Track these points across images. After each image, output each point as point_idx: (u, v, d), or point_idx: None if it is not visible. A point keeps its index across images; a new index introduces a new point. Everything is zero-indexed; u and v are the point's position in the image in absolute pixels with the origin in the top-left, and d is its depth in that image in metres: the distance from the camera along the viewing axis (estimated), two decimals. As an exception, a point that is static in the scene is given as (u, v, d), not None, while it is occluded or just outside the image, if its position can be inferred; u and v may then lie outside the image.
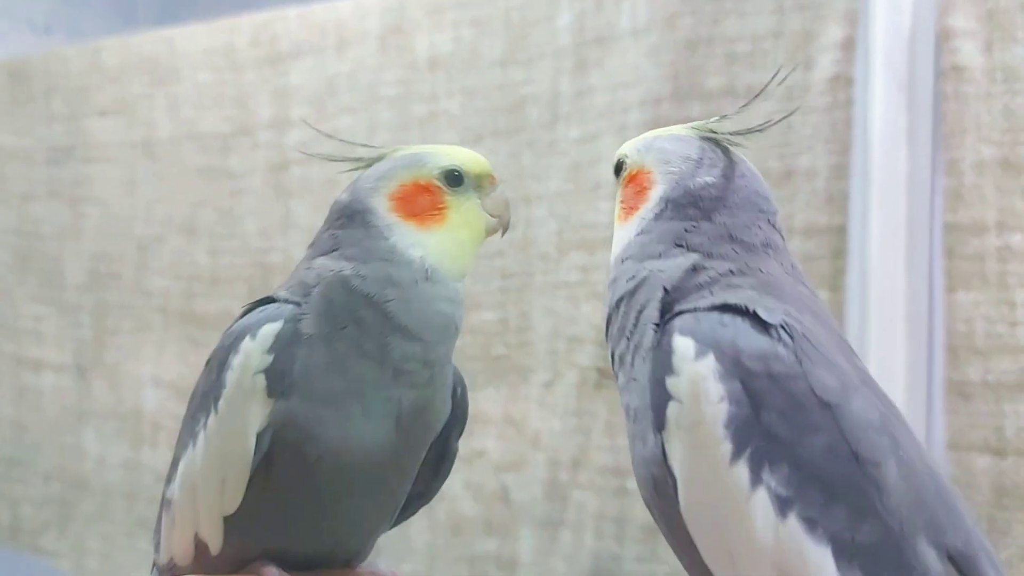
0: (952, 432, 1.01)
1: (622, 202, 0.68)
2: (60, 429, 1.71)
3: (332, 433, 0.67)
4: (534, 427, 1.26)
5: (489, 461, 1.29)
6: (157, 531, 0.75)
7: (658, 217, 0.64)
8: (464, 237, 0.71)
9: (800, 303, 0.60)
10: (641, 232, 0.65)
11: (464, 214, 0.72)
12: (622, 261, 0.65)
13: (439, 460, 0.76)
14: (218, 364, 0.70)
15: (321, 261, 0.71)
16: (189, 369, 1.56)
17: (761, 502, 0.54)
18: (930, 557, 0.54)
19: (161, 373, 1.60)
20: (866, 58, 1.07)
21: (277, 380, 0.67)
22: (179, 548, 0.71)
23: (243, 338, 0.68)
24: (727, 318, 0.58)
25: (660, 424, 0.58)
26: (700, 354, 0.57)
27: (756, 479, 0.54)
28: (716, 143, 0.68)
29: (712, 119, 0.69)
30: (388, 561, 0.79)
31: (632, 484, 1.18)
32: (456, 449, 0.77)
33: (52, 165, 1.74)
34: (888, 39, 1.06)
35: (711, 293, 0.60)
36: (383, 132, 1.40)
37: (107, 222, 1.67)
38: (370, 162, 0.74)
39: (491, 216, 0.73)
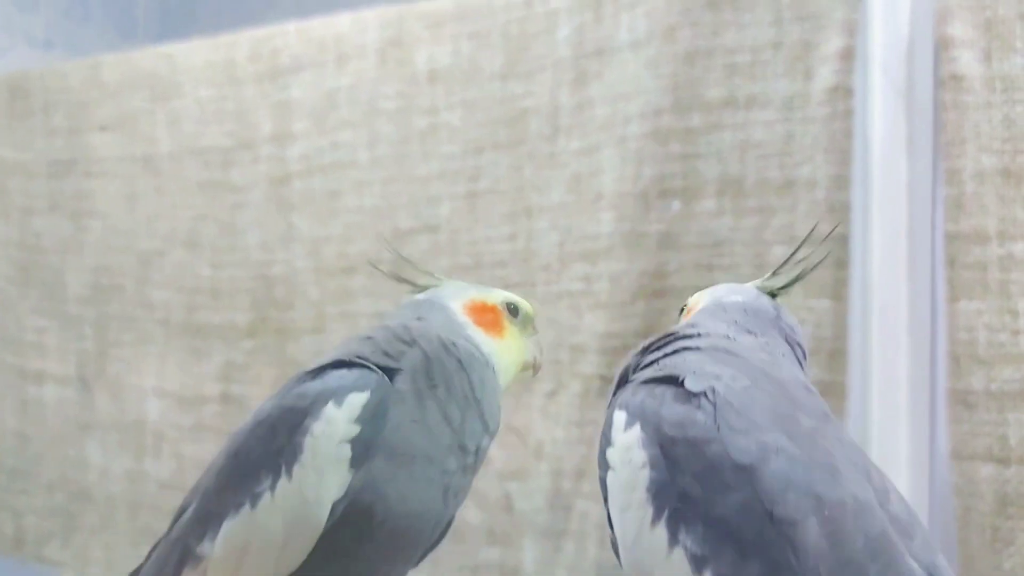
0: (955, 441, 1.01)
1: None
2: (63, 440, 1.71)
3: (399, 493, 0.69)
4: (537, 436, 1.27)
5: (493, 470, 1.29)
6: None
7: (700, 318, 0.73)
8: (514, 358, 0.82)
9: (749, 369, 0.64)
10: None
11: (516, 340, 0.83)
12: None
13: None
14: (289, 426, 0.68)
15: (414, 324, 0.77)
16: (191, 380, 1.56)
17: (679, 561, 0.57)
18: None
19: (163, 384, 1.60)
20: (865, 68, 1.07)
21: (362, 450, 0.67)
22: None
23: (325, 403, 0.68)
24: (658, 389, 0.63)
25: (604, 492, 0.63)
26: (629, 424, 0.62)
27: (674, 539, 0.58)
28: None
29: (765, 277, 0.78)
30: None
31: (636, 495, 1.18)
32: (454, 518, 0.80)
33: (53, 179, 1.74)
34: (887, 49, 1.07)
35: (658, 363, 0.66)
36: (383, 145, 1.40)
37: (109, 235, 1.67)
38: (426, 287, 0.84)
39: (530, 353, 0.84)
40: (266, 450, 0.69)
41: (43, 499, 1.73)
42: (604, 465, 0.63)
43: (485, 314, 0.82)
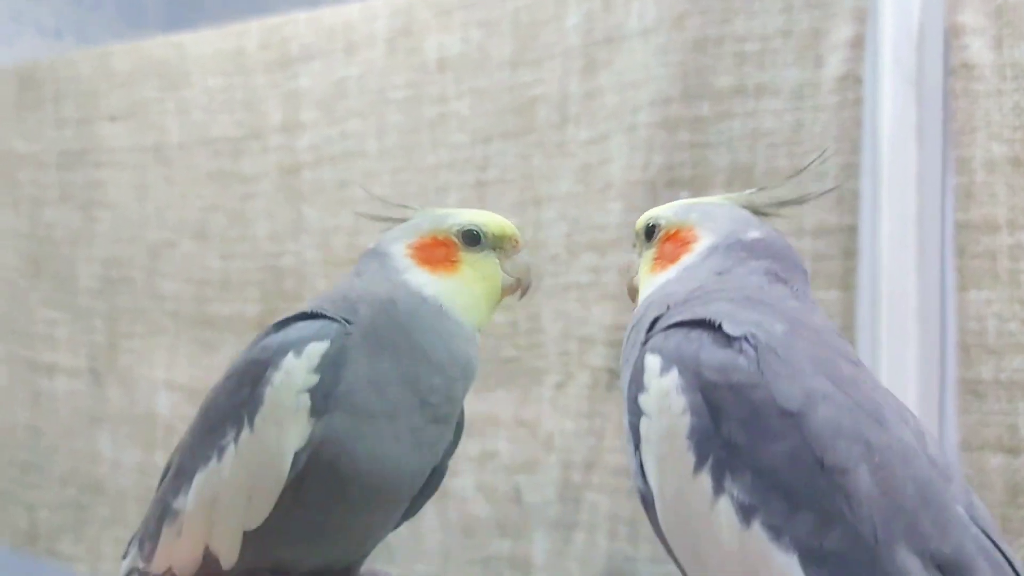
0: (965, 431, 1.01)
1: (656, 258, 0.72)
2: (75, 433, 1.71)
3: (367, 451, 0.68)
4: (546, 429, 1.26)
5: (501, 463, 1.29)
6: (149, 538, 0.74)
7: (704, 260, 0.69)
8: (477, 291, 0.75)
9: (784, 315, 0.61)
10: (682, 273, 0.69)
11: (479, 270, 0.75)
12: (651, 301, 0.68)
13: (429, 478, 0.77)
14: (251, 378, 0.69)
15: (355, 285, 0.73)
16: (202, 372, 1.56)
17: (725, 510, 0.55)
18: (911, 564, 0.53)
19: (174, 377, 1.61)
20: (875, 56, 1.07)
21: (321, 399, 0.67)
22: (184, 559, 0.71)
23: (285, 354, 0.68)
24: (694, 333, 0.60)
25: (636, 440, 0.60)
26: (665, 369, 0.59)
27: (719, 488, 0.56)
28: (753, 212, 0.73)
29: (746, 192, 0.75)
30: (400, 562, 0.80)
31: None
32: (446, 467, 0.79)
33: (63, 170, 1.74)
34: (897, 37, 1.06)
35: (690, 308, 0.62)
36: (393, 134, 1.40)
37: (119, 227, 1.67)
38: (405, 219, 0.80)
39: (510, 276, 0.77)
40: (231, 403, 0.70)
41: (55, 493, 1.73)
42: (636, 411, 0.61)
43: (434, 250, 0.75)
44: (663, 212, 0.73)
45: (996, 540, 0.57)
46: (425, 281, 0.73)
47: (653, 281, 0.71)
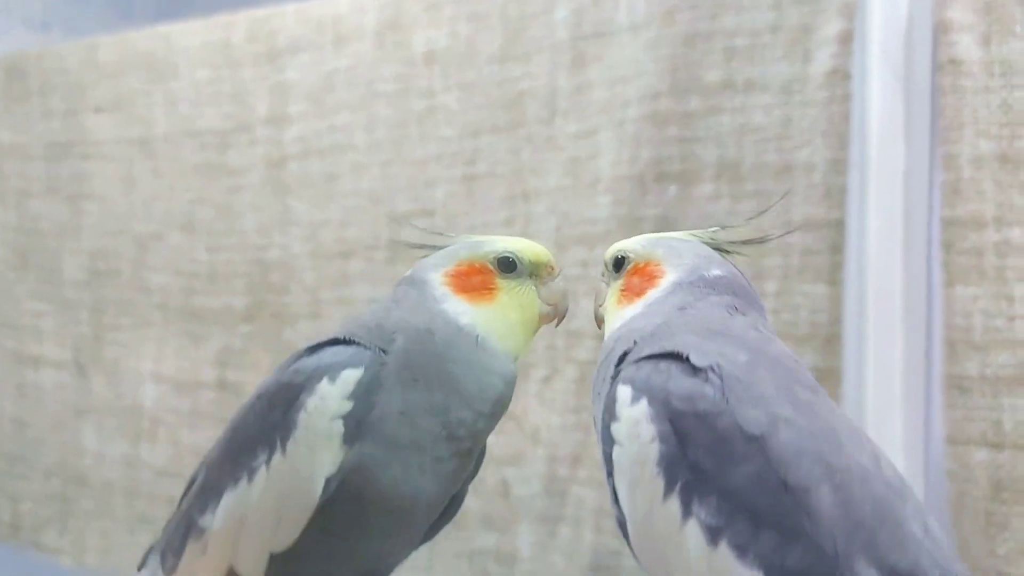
0: (950, 426, 1.01)
1: (624, 290, 0.74)
2: (60, 425, 1.71)
3: (392, 480, 0.69)
4: (533, 422, 1.26)
5: (489, 456, 1.28)
6: (172, 553, 0.74)
7: (668, 296, 0.71)
8: (514, 318, 0.75)
9: (746, 345, 0.64)
10: (647, 308, 0.71)
11: (515, 297, 0.75)
12: (618, 336, 0.70)
13: (449, 504, 0.79)
14: (284, 401, 0.69)
15: (392, 313, 0.73)
16: (188, 364, 1.56)
17: (693, 532, 0.58)
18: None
19: (161, 369, 1.60)
20: (863, 52, 1.07)
21: (354, 427, 0.67)
22: None
23: (320, 379, 0.68)
24: (663, 364, 0.63)
25: (609, 467, 0.63)
26: (635, 399, 0.62)
27: (687, 511, 0.58)
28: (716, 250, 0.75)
29: (710, 230, 0.77)
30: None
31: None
32: (465, 493, 0.80)
33: (50, 161, 1.74)
34: (885, 33, 1.06)
35: (657, 342, 0.65)
36: (381, 128, 1.39)
37: (106, 219, 1.67)
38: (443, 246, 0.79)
39: (547, 304, 0.77)
40: (263, 425, 0.70)
41: (40, 485, 1.72)
42: (609, 440, 0.63)
43: (471, 278, 0.75)
44: (632, 246, 0.75)
45: (949, 559, 0.59)
46: (462, 310, 0.73)
47: (620, 314, 0.73)
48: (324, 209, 1.44)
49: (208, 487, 0.73)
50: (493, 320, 0.74)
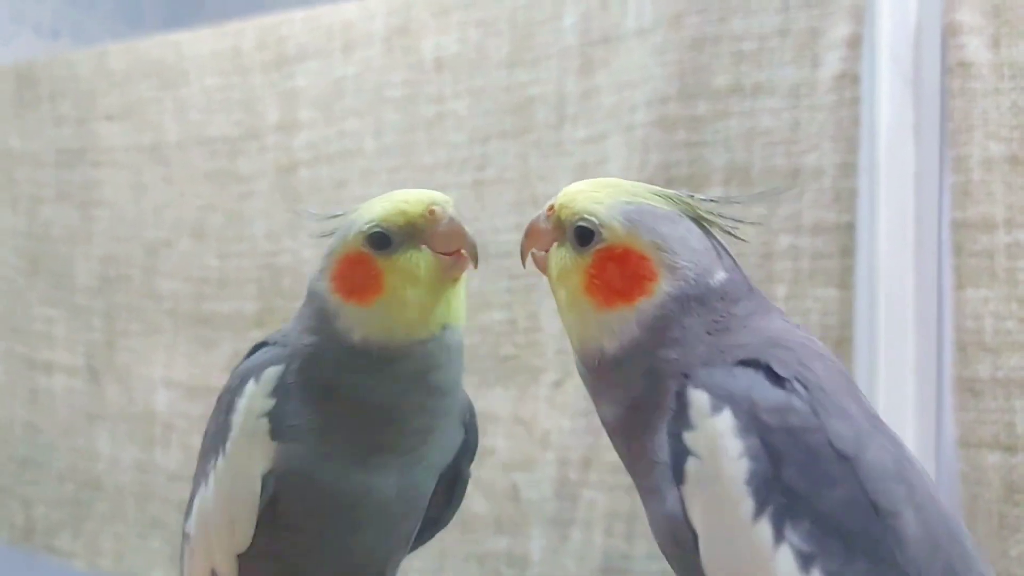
0: (962, 429, 1.01)
1: (594, 277, 0.61)
2: (72, 431, 1.72)
3: (329, 476, 0.67)
4: (544, 426, 1.27)
5: (499, 460, 1.29)
6: (181, 559, 0.76)
7: (681, 313, 0.59)
8: (411, 297, 0.65)
9: (808, 351, 0.59)
10: (654, 323, 0.59)
11: (403, 273, 0.65)
12: (623, 356, 0.60)
13: (451, 487, 0.76)
14: (225, 406, 0.70)
15: (295, 330, 0.69)
16: (200, 370, 1.56)
17: (784, 559, 0.54)
18: None
19: (172, 375, 1.61)
20: (872, 55, 1.07)
21: (279, 423, 0.67)
22: None
23: (248, 381, 0.68)
24: (739, 370, 0.57)
25: (680, 478, 0.57)
26: (716, 408, 0.56)
27: (779, 536, 0.54)
28: (698, 221, 0.63)
29: (691, 197, 0.63)
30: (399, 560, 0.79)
31: (642, 483, 1.18)
32: (468, 475, 0.76)
33: (61, 168, 1.74)
34: (894, 35, 1.06)
35: (723, 353, 0.58)
36: (390, 134, 1.40)
37: (116, 225, 1.67)
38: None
39: (444, 255, 0.65)
40: (213, 430, 0.71)
41: (53, 489, 1.73)
42: (682, 450, 0.57)
43: (353, 274, 0.65)
44: (603, 215, 0.61)
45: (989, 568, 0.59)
46: (354, 322, 0.65)
47: (597, 319, 0.60)
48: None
49: (190, 494, 0.75)
50: (386, 314, 0.65)
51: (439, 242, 0.65)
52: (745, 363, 0.57)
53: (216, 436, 0.70)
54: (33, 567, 1.80)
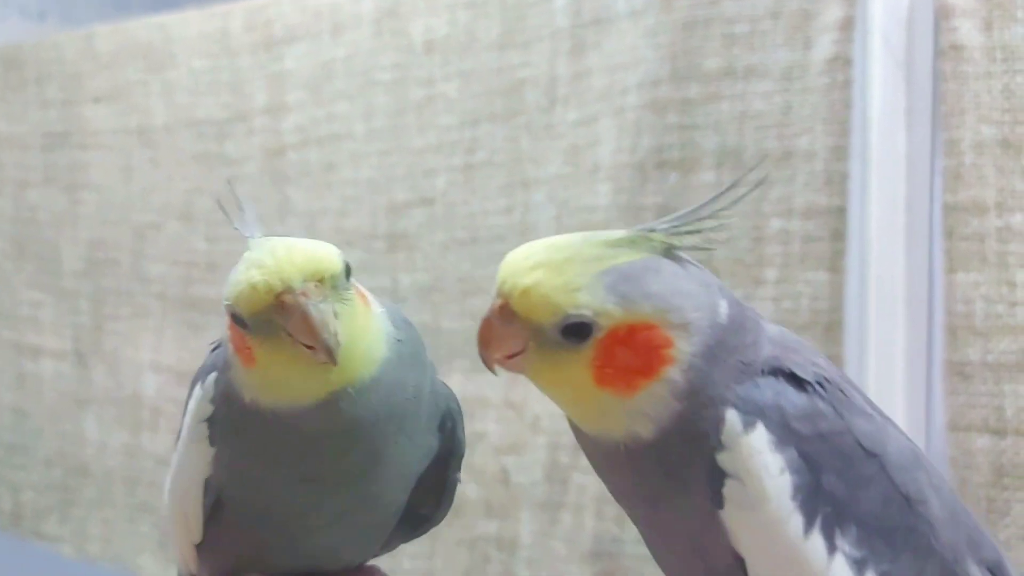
0: (952, 413, 1.01)
1: (606, 367, 0.53)
2: (60, 415, 1.71)
3: (271, 493, 0.65)
4: (534, 410, 1.26)
5: (489, 444, 1.29)
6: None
7: (709, 368, 0.54)
8: (281, 376, 0.59)
9: (808, 347, 0.58)
10: (689, 391, 0.54)
11: (267, 354, 0.59)
12: (661, 437, 0.54)
13: (439, 490, 0.72)
14: (185, 404, 0.69)
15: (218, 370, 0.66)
16: (188, 354, 1.56)
17: (840, 568, 0.53)
18: (977, 574, 0.55)
19: (160, 359, 1.60)
20: (864, 38, 1.06)
21: (217, 429, 0.65)
22: (179, 562, 0.73)
23: (198, 382, 0.67)
24: (761, 380, 0.54)
25: (718, 503, 0.53)
26: (749, 425, 0.53)
27: (831, 546, 0.53)
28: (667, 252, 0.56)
29: (647, 230, 0.55)
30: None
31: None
32: (456, 480, 0.72)
33: (47, 151, 1.73)
34: (886, 18, 1.06)
35: (743, 365, 0.55)
36: (379, 117, 1.39)
37: (104, 209, 1.67)
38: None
39: (303, 345, 0.57)
40: (179, 427, 0.71)
41: (40, 474, 1.73)
42: (716, 472, 0.53)
43: (233, 335, 0.59)
44: (586, 301, 0.52)
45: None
46: (243, 381, 0.61)
47: (623, 407, 0.54)
48: (322, 198, 1.44)
49: None
50: (267, 386, 0.60)
51: (294, 334, 0.57)
52: (765, 372, 0.54)
53: (177, 435, 0.70)
54: (21, 553, 1.79)
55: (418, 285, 1.35)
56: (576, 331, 0.53)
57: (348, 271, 0.62)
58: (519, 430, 1.27)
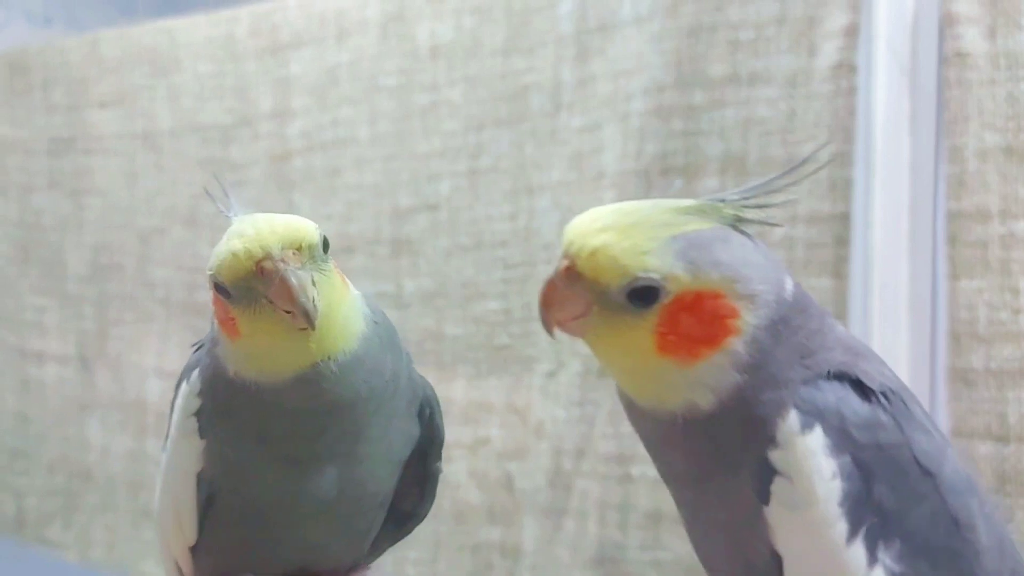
0: (955, 419, 1.01)
1: (670, 334, 0.53)
2: (64, 420, 1.71)
3: (260, 481, 0.66)
4: (538, 416, 1.26)
5: (493, 450, 1.29)
6: None
7: (773, 344, 0.53)
8: (265, 345, 0.61)
9: (877, 357, 0.57)
10: (751, 364, 0.53)
11: (251, 323, 0.60)
12: (721, 409, 0.54)
13: (422, 482, 0.73)
14: (171, 405, 0.70)
15: (210, 337, 0.67)
16: (192, 360, 1.56)
17: None
18: None
19: (164, 364, 1.60)
20: (869, 45, 1.06)
21: (206, 422, 0.66)
22: (168, 568, 0.73)
23: (183, 380, 0.68)
24: (825, 384, 0.53)
25: (764, 498, 0.53)
26: (807, 426, 0.52)
27: (872, 558, 0.53)
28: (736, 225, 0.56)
29: (717, 200, 0.56)
30: (391, 549, 0.79)
31: (636, 471, 1.18)
32: (438, 470, 0.73)
33: (53, 156, 1.74)
34: (891, 25, 1.06)
35: (806, 367, 0.54)
36: (384, 122, 1.39)
37: (108, 213, 1.67)
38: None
39: (284, 311, 0.59)
40: (166, 429, 0.71)
41: (44, 480, 1.73)
42: (767, 469, 0.53)
43: (218, 309, 0.61)
44: (655, 264, 0.52)
45: None
46: (227, 353, 0.63)
47: (683, 375, 0.53)
48: (327, 203, 1.44)
49: None
50: (251, 357, 0.62)
51: (274, 299, 0.59)
52: (831, 376, 0.54)
53: (166, 435, 0.70)
54: (24, 558, 1.79)
55: (422, 290, 1.36)
56: (642, 295, 0.52)
57: (326, 244, 0.64)
58: (523, 436, 1.27)
